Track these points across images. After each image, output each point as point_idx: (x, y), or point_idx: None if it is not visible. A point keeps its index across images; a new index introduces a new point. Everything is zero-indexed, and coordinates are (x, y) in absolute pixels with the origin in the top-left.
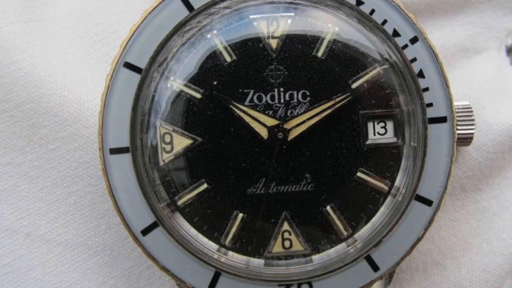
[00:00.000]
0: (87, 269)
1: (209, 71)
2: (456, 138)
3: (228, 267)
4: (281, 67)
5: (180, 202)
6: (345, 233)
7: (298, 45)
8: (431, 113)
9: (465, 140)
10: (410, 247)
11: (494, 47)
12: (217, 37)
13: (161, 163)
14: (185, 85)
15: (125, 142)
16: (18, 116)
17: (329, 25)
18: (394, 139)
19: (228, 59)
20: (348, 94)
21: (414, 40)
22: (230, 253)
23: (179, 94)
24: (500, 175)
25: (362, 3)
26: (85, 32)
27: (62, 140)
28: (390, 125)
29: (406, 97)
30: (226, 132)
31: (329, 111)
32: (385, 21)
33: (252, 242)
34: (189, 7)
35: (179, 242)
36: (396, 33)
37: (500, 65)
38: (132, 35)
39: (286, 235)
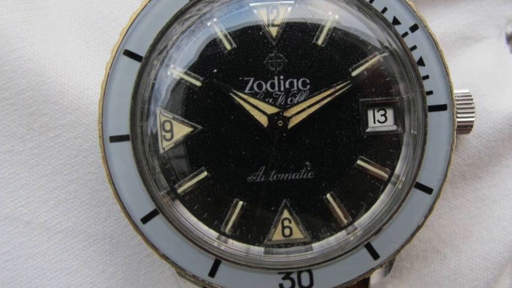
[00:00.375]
0: (87, 257)
1: (209, 59)
2: (456, 126)
3: (228, 255)
4: (281, 55)
5: (180, 190)
6: (345, 221)
7: (298, 33)
8: (431, 101)
9: (465, 128)
10: (410, 235)
11: (494, 35)
12: (217, 25)
13: (161, 151)
14: (185, 73)
15: (125, 130)
16: (18, 104)
17: (329, 13)
18: (394, 127)
19: (228, 47)
20: (348, 82)
21: (414, 28)
22: (230, 241)
23: (179, 82)
24: (500, 163)
25: None
26: (85, 20)
27: (62, 128)
28: (390, 113)
29: (406, 85)
30: (226, 120)
31: (329, 99)
32: (385, 9)
33: (252, 230)
34: None
35: (179, 230)
36: (396, 21)
37: (500, 53)
38: (132, 23)
39: (286, 223)
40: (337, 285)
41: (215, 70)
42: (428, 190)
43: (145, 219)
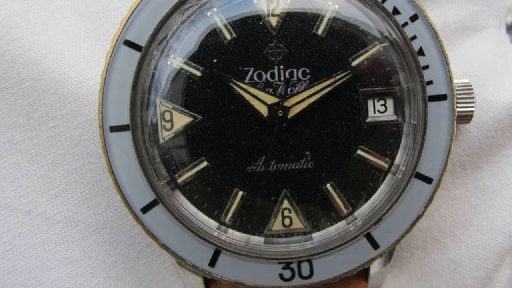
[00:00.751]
0: (87, 246)
1: (209, 48)
2: (456, 116)
3: (228, 245)
4: (281, 45)
5: (180, 180)
6: (345, 211)
7: (298, 23)
8: (431, 91)
9: (465, 118)
10: (410, 225)
11: (494, 25)
12: (217, 15)
13: (161, 141)
14: (185, 63)
15: (125, 120)
16: (18, 94)
17: (329, 3)
18: (394, 117)
19: (228, 36)
20: (348, 72)
21: (414, 17)
22: (230, 231)
23: (179, 72)
24: (500, 153)
25: None
26: (85, 10)
27: (62, 118)
28: (390, 102)
29: (406, 75)
30: (226, 110)
31: (329, 89)
32: None
33: (252, 220)
34: None
35: (179, 220)
36: (396, 11)
37: (500, 43)
38: (132, 12)
39: (286, 213)
40: (337, 275)
41: (215, 60)
42: (428, 180)
43: (145, 209)
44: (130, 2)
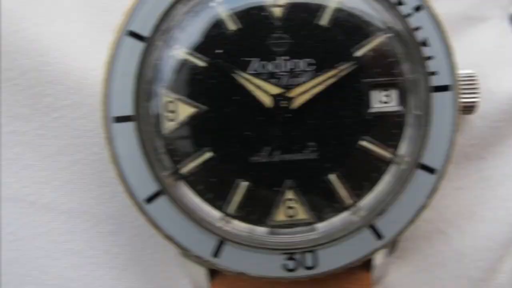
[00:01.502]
0: (91, 237)
1: (213, 39)
2: (460, 107)
3: (232, 235)
4: (285, 36)
5: (184, 171)
6: (349, 201)
7: (302, 13)
8: (435, 81)
9: (469, 108)
10: (414, 215)
11: (498, 15)
12: (221, 5)
13: (165, 132)
14: (189, 54)
15: (129, 111)
16: (22, 85)
17: None
18: (398, 108)
19: (232, 27)
20: (352, 62)
21: (418, 8)
22: (234, 221)
23: (183, 62)
24: (504, 144)
25: None
26: (89, 0)
27: (66, 109)
28: (394, 93)
29: (410, 66)
30: (230, 100)
31: (333, 79)
32: None
33: (256, 210)
34: None
35: (183, 210)
36: (400, 2)
37: (504, 33)
38: (136, 3)
39: (290, 203)
40: (341, 265)
41: (219, 51)
42: (431, 171)
43: (149, 200)
44: None
